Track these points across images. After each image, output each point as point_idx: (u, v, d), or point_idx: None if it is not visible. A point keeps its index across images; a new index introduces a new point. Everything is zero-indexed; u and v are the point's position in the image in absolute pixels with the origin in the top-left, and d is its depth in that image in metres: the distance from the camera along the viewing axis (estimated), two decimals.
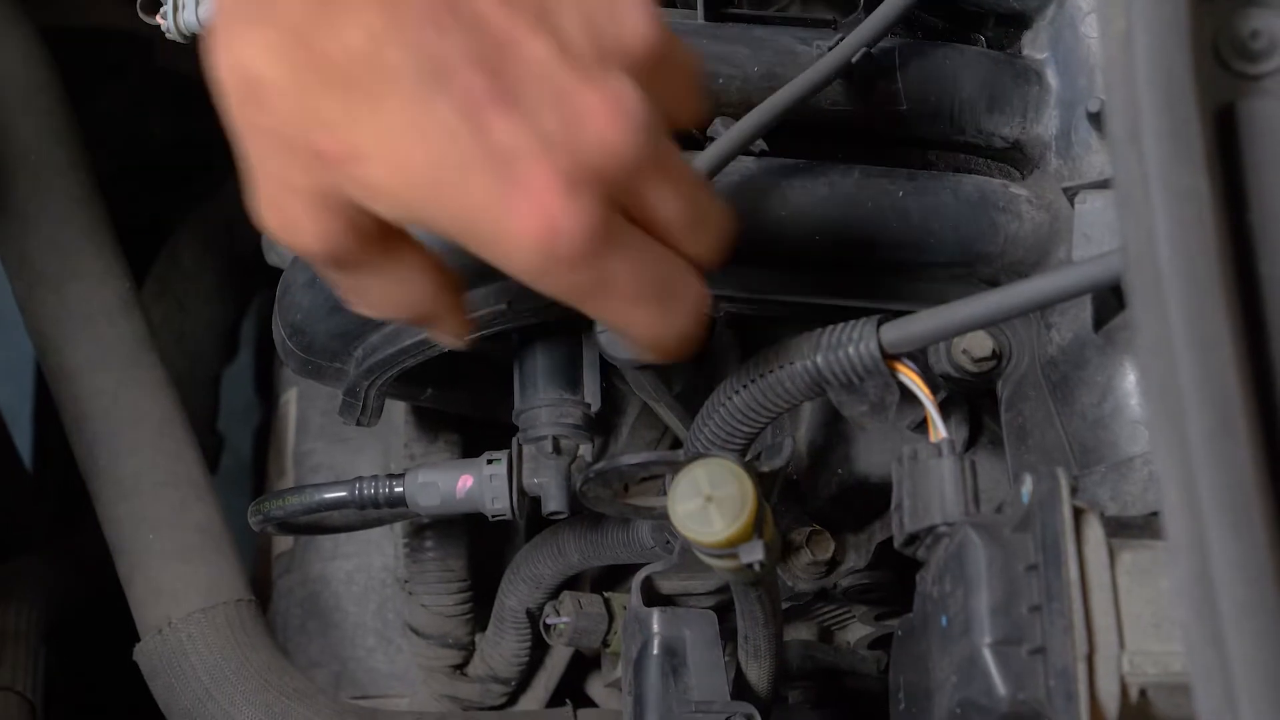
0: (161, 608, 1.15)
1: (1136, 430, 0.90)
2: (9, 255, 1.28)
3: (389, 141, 0.68)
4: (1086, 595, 0.71)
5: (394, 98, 0.67)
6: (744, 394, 0.87)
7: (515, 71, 0.68)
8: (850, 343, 0.83)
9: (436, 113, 0.67)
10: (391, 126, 0.68)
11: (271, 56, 0.68)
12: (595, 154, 0.69)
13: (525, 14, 0.69)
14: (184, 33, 0.97)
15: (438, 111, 0.67)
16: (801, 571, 1.12)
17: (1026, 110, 0.97)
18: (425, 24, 0.67)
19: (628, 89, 0.70)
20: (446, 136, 0.67)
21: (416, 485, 1.04)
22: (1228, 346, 0.63)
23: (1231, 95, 0.68)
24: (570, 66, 0.69)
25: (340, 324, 0.98)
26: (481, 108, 0.68)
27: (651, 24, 0.72)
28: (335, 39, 0.67)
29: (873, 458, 1.10)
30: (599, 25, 0.71)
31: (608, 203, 0.70)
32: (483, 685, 1.30)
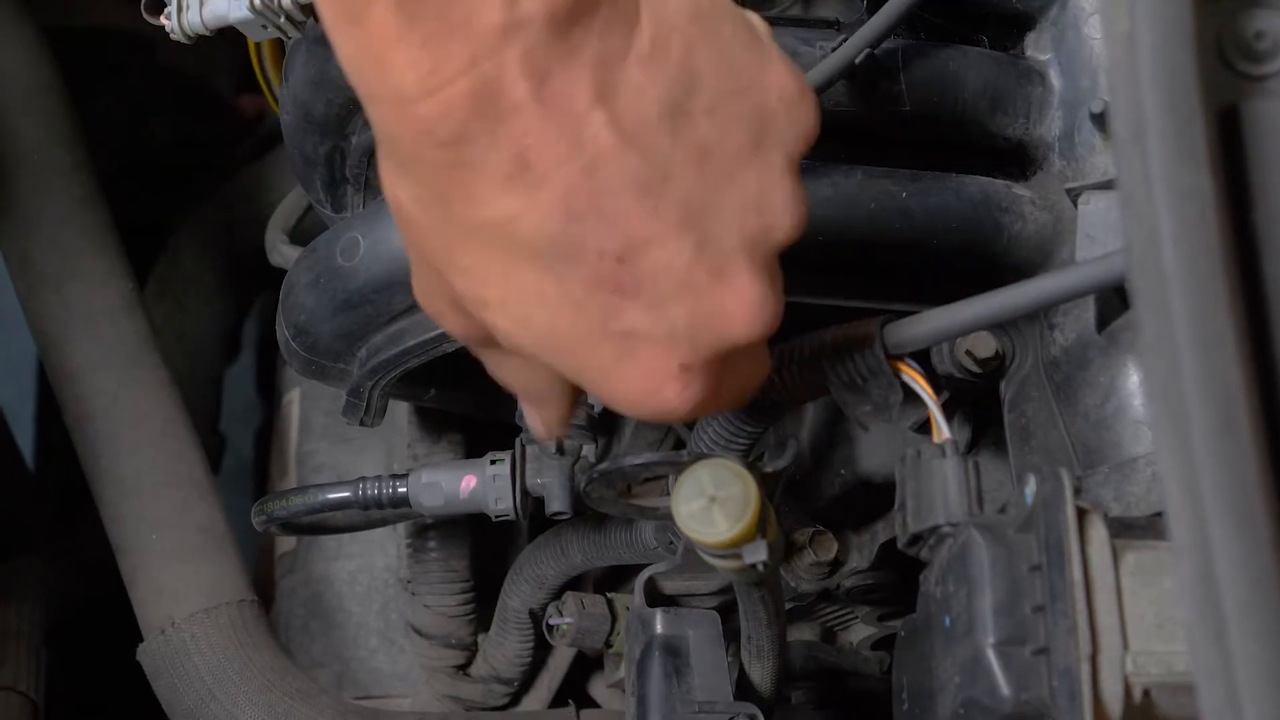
0: (164, 608, 1.16)
1: (1140, 431, 0.90)
2: (11, 255, 1.28)
3: (515, 303, 0.72)
4: (1090, 596, 0.71)
5: (525, 268, 0.70)
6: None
7: (648, 265, 0.71)
8: (855, 342, 0.83)
9: (565, 287, 0.71)
10: (519, 291, 0.71)
11: (416, 206, 0.71)
12: (719, 348, 0.74)
13: (669, 216, 0.71)
14: (188, 33, 0.97)
15: (566, 286, 0.71)
16: (804, 572, 1.12)
17: (1030, 111, 0.97)
18: (558, 212, 0.69)
19: (758, 289, 0.73)
20: (572, 309, 0.71)
21: (420, 485, 1.04)
22: (1231, 346, 0.63)
23: (1235, 96, 0.68)
24: (706, 265, 0.72)
25: (344, 324, 0.98)
26: (610, 290, 0.71)
27: (799, 219, 0.74)
28: (472, 209, 0.69)
29: (876, 458, 1.10)
30: (747, 223, 0.73)
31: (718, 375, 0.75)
32: (485, 686, 1.30)
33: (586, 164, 0.68)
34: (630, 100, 0.69)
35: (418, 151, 0.68)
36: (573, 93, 0.67)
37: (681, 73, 0.70)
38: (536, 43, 0.65)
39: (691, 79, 0.70)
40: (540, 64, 0.66)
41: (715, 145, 0.71)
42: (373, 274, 0.95)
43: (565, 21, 0.66)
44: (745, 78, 0.72)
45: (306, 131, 1.01)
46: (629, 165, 0.69)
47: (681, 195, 0.71)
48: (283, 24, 0.94)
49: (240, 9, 0.94)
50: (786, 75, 0.73)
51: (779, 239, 0.74)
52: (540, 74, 0.66)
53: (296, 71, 0.99)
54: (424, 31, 0.64)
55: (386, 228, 0.95)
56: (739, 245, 0.73)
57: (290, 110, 1.01)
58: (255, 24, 0.94)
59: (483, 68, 0.65)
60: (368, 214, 0.98)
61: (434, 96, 0.66)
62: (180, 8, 0.96)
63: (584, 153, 0.68)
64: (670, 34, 0.69)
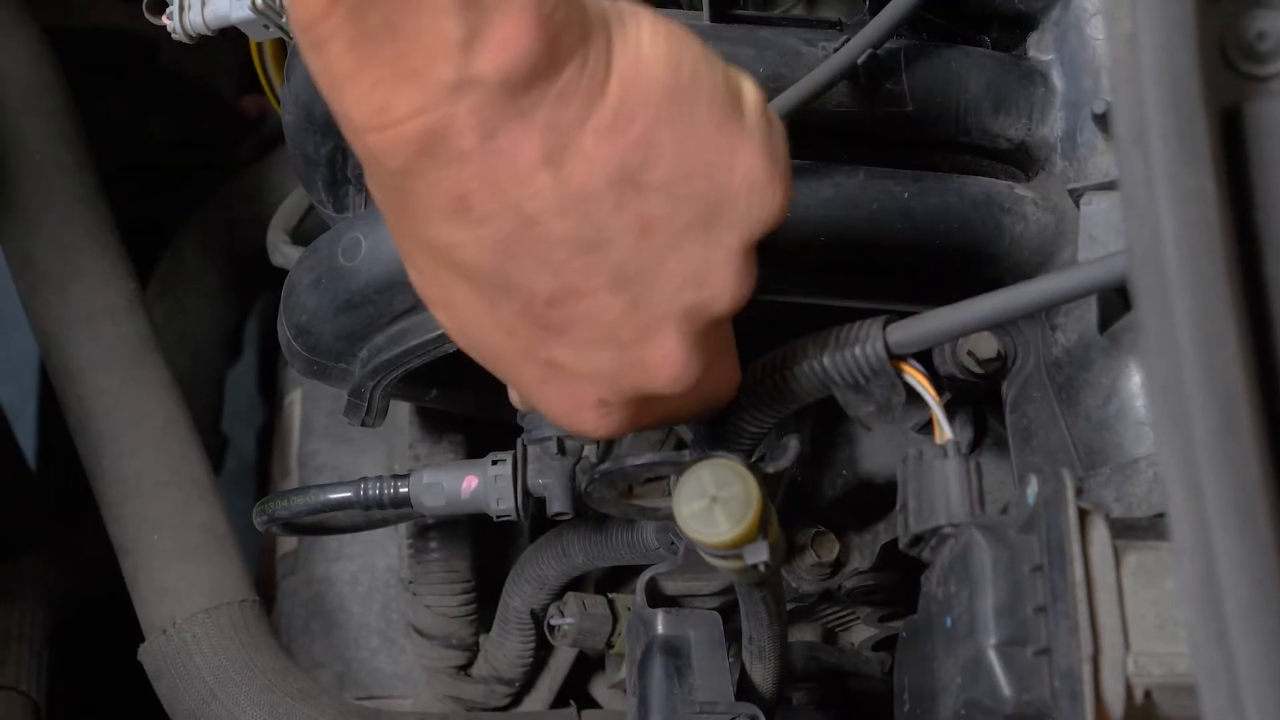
0: (166, 608, 1.16)
1: (1141, 432, 0.90)
2: (13, 255, 1.28)
3: (454, 312, 0.76)
4: (1092, 596, 0.71)
5: (462, 286, 0.74)
6: (750, 395, 0.87)
7: (576, 312, 0.73)
8: (857, 343, 0.83)
9: (497, 312, 0.74)
10: (457, 303, 0.75)
11: (380, 205, 0.74)
12: (638, 394, 0.77)
13: (602, 275, 0.72)
14: (190, 34, 0.97)
15: (498, 312, 0.74)
16: (806, 572, 1.12)
17: (1032, 112, 0.97)
18: (494, 251, 0.71)
19: (681, 353, 0.75)
20: (502, 332, 0.75)
21: (421, 486, 1.04)
22: (1233, 347, 0.63)
23: (1238, 96, 0.68)
24: (634, 324, 0.74)
25: (345, 325, 0.98)
26: (538, 325, 0.74)
27: (741, 296, 0.75)
28: (417, 226, 0.72)
29: (877, 459, 1.10)
30: (683, 294, 0.74)
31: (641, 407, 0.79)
32: (486, 686, 1.29)
33: (525, 218, 0.69)
34: (578, 166, 0.69)
35: (371, 169, 0.70)
36: (519, 151, 0.68)
37: (639, 147, 0.70)
38: (486, 102, 0.66)
39: (649, 154, 0.70)
40: (488, 121, 0.66)
41: (662, 219, 0.71)
42: (374, 274, 0.95)
43: (518, 86, 0.66)
44: (710, 159, 0.71)
45: (308, 132, 1.01)
46: (567, 225, 0.70)
47: (618, 259, 0.72)
48: (284, 24, 0.94)
49: (242, 9, 0.94)
50: (757, 160, 0.72)
51: (715, 312, 0.75)
52: (488, 129, 0.67)
53: (298, 71, 0.99)
54: (376, 74, 0.65)
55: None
56: (671, 313, 0.74)
57: (292, 110, 1.01)
58: (257, 24, 0.95)
59: (431, 116, 0.66)
60: (369, 214, 0.98)
61: (382, 132, 0.67)
62: (182, 8, 0.96)
63: (523, 208, 0.69)
64: (635, 109, 0.69)
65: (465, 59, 0.64)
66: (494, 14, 0.64)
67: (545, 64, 0.66)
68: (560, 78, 0.67)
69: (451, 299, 0.75)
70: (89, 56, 1.55)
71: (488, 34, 0.64)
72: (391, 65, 0.65)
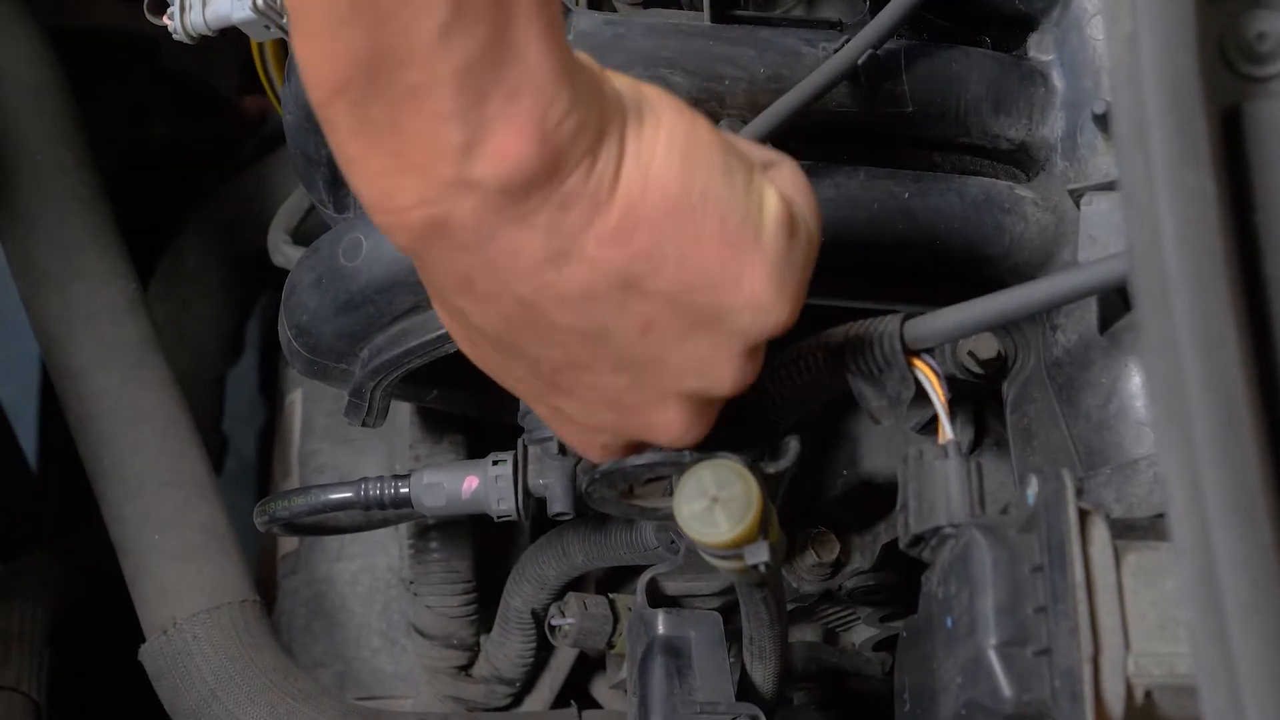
0: (166, 608, 1.15)
1: (1141, 432, 0.90)
2: (14, 255, 1.28)
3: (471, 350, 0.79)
4: (1092, 597, 0.71)
5: (476, 338, 0.76)
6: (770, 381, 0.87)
7: (580, 382, 0.76)
8: (875, 333, 0.83)
9: (507, 364, 0.77)
10: (473, 346, 0.78)
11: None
12: (640, 442, 0.81)
13: (604, 360, 0.74)
14: (191, 34, 0.97)
15: (509, 364, 0.77)
16: (806, 573, 1.12)
17: (1032, 112, 0.97)
18: (500, 324, 0.73)
19: (684, 421, 0.78)
20: (513, 378, 0.79)
21: (422, 486, 1.04)
22: (1233, 347, 0.63)
23: (1237, 97, 0.68)
24: (636, 397, 0.76)
25: (346, 325, 0.98)
26: (545, 382, 0.77)
27: (744, 384, 0.76)
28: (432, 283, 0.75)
29: (878, 459, 1.10)
30: (684, 381, 0.75)
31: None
32: (487, 686, 1.29)
33: (527, 304, 0.70)
34: (580, 269, 0.69)
35: (391, 228, 0.70)
36: (519, 250, 0.68)
37: (641, 258, 0.69)
38: (485, 204, 0.66)
39: (651, 265, 0.69)
40: (488, 222, 0.66)
41: (664, 322, 0.72)
42: (375, 274, 0.95)
43: (518, 193, 0.66)
44: (715, 276, 0.71)
45: (309, 132, 1.01)
46: (569, 318, 0.71)
47: (619, 350, 0.73)
48: (285, 24, 0.94)
49: (243, 9, 0.94)
50: (763, 281, 0.71)
51: (718, 395, 0.76)
52: (489, 229, 0.67)
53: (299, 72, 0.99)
54: (380, 163, 0.65)
55: None
56: (673, 394, 0.76)
57: (293, 110, 1.01)
58: (258, 24, 0.95)
59: (433, 208, 0.66)
60: None
61: (388, 214, 0.67)
62: (183, 8, 0.96)
63: (525, 299, 0.70)
64: (639, 223, 0.68)
65: (464, 163, 0.64)
66: (494, 122, 0.64)
67: (546, 174, 0.66)
68: (563, 187, 0.66)
69: (470, 341, 0.78)
70: (90, 56, 1.55)
71: (487, 142, 0.64)
72: (394, 158, 0.65)
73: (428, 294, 0.79)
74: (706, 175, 0.70)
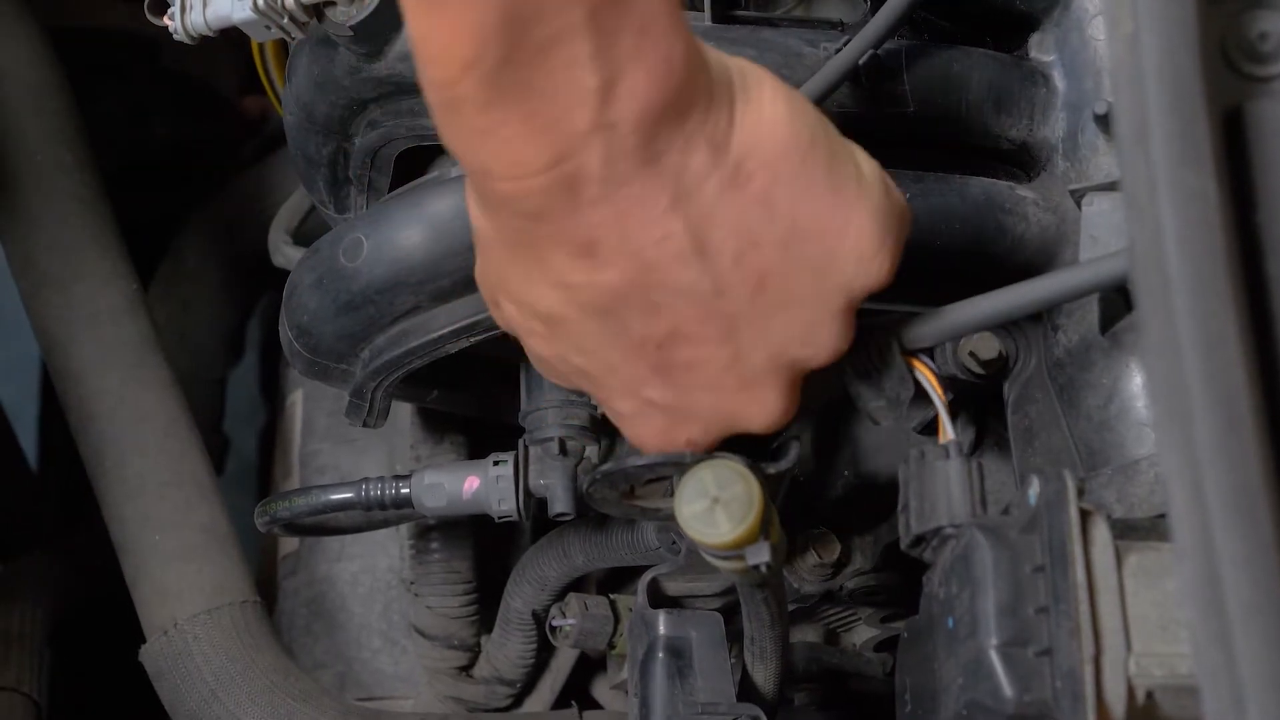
0: (167, 609, 1.15)
1: (1143, 432, 0.90)
2: (15, 255, 1.28)
3: (556, 343, 0.78)
4: (1093, 597, 0.71)
5: (572, 324, 0.76)
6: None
7: (683, 358, 0.76)
8: (873, 335, 0.83)
9: (603, 351, 0.76)
10: (562, 336, 0.77)
11: (488, 238, 0.76)
12: (728, 433, 0.80)
13: (713, 326, 0.74)
14: (191, 34, 0.97)
15: (604, 351, 0.76)
16: (808, 573, 1.12)
17: (1033, 112, 0.97)
18: (612, 296, 0.73)
19: (781, 403, 0.78)
20: (604, 367, 0.77)
21: (423, 486, 1.04)
22: (1234, 347, 0.63)
23: (1239, 97, 0.68)
24: (737, 375, 0.77)
25: (347, 325, 0.98)
26: (643, 366, 0.76)
27: (840, 352, 0.78)
28: (536, 265, 0.74)
29: (879, 459, 1.10)
30: (788, 349, 0.76)
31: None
32: (488, 687, 1.29)
33: (647, 263, 0.71)
34: (701, 218, 0.71)
35: (496, 209, 0.72)
36: (647, 197, 0.69)
37: (758, 204, 0.72)
38: (618, 148, 0.67)
39: (767, 211, 0.72)
40: (619, 168, 0.68)
41: (777, 277, 0.74)
42: (375, 275, 0.95)
43: (649, 131, 0.67)
44: (824, 223, 0.74)
45: (309, 132, 1.01)
46: (686, 275, 0.72)
47: (731, 312, 0.74)
48: (286, 25, 0.94)
49: (243, 10, 0.94)
50: (868, 228, 0.75)
51: (814, 365, 0.78)
52: (619, 177, 0.68)
53: (299, 72, 0.99)
54: (512, 130, 0.66)
55: (390, 229, 0.95)
56: (774, 366, 0.77)
57: (293, 111, 1.01)
58: (258, 25, 0.94)
59: (566, 165, 0.67)
60: (371, 215, 0.98)
61: (516, 181, 0.68)
62: (183, 8, 0.96)
63: (646, 254, 0.71)
64: (757, 167, 0.71)
65: (600, 106, 0.66)
66: (627, 60, 0.66)
67: (674, 111, 0.68)
68: (686, 127, 0.69)
69: (554, 331, 0.77)
70: (90, 56, 1.55)
71: (621, 81, 0.66)
72: (526, 120, 0.66)
73: (499, 295, 0.79)
74: (812, 124, 0.73)
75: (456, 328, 0.95)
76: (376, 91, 0.96)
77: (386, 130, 0.98)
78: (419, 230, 0.94)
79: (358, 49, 0.93)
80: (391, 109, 0.97)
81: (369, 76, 0.95)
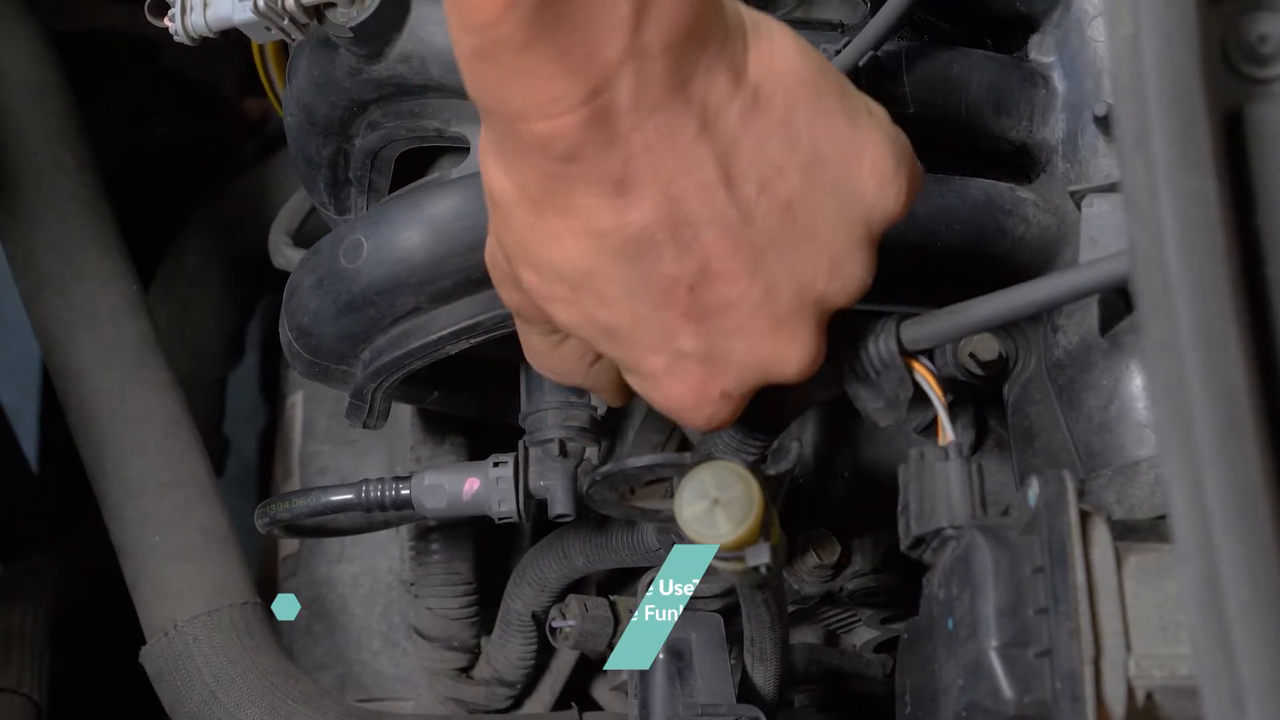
0: (167, 610, 1.15)
1: (1143, 434, 0.90)
2: (15, 256, 1.28)
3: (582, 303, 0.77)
4: (1093, 598, 0.71)
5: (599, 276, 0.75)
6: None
7: (716, 298, 0.75)
8: (872, 336, 0.83)
9: (634, 301, 0.75)
10: (589, 293, 0.76)
11: (510, 199, 0.75)
12: (762, 383, 0.79)
13: (744, 257, 0.74)
14: (192, 36, 0.97)
15: (635, 301, 0.75)
16: (808, 574, 1.12)
17: (1033, 114, 0.97)
18: (643, 236, 0.73)
19: (815, 344, 0.78)
20: (635, 321, 0.76)
21: (423, 488, 1.04)
22: (1234, 348, 0.63)
23: (1239, 99, 0.68)
24: (770, 314, 0.76)
25: (347, 327, 0.98)
26: (675, 313, 0.75)
27: (865, 287, 0.78)
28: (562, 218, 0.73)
29: (879, 461, 1.10)
30: (816, 283, 0.77)
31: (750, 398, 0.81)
32: (488, 688, 1.29)
33: (677, 195, 0.72)
34: (727, 145, 0.72)
35: (526, 158, 0.72)
36: (676, 126, 0.71)
37: (780, 129, 0.73)
38: (650, 74, 0.68)
39: (789, 137, 0.73)
40: (651, 96, 0.69)
41: (801, 204, 0.74)
42: (376, 276, 0.95)
43: (680, 50, 0.69)
44: (842, 148, 0.75)
45: (310, 134, 1.01)
46: (716, 202, 0.73)
47: (760, 242, 0.74)
48: (286, 26, 0.94)
49: (244, 11, 0.94)
50: (884, 152, 0.76)
51: (842, 301, 0.78)
52: (650, 105, 0.69)
53: (300, 74, 0.99)
54: (549, 69, 0.67)
55: (390, 230, 0.95)
56: (804, 302, 0.77)
57: (293, 112, 1.01)
58: (259, 26, 0.94)
59: (599, 99, 0.68)
60: (371, 216, 0.98)
61: (551, 120, 0.69)
62: (184, 10, 0.96)
63: (677, 185, 0.72)
64: (775, 91, 0.73)
65: (633, 32, 0.67)
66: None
67: (697, 36, 0.69)
68: (707, 52, 0.70)
69: (581, 291, 0.76)
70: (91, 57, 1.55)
71: (652, 3, 0.67)
72: (564, 56, 0.67)
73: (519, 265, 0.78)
74: (819, 58, 0.75)
75: (457, 329, 0.95)
76: (377, 93, 0.96)
77: (387, 131, 0.98)
78: (419, 231, 0.94)
79: (358, 50, 0.93)
80: (392, 110, 0.97)
81: (369, 78, 0.95)
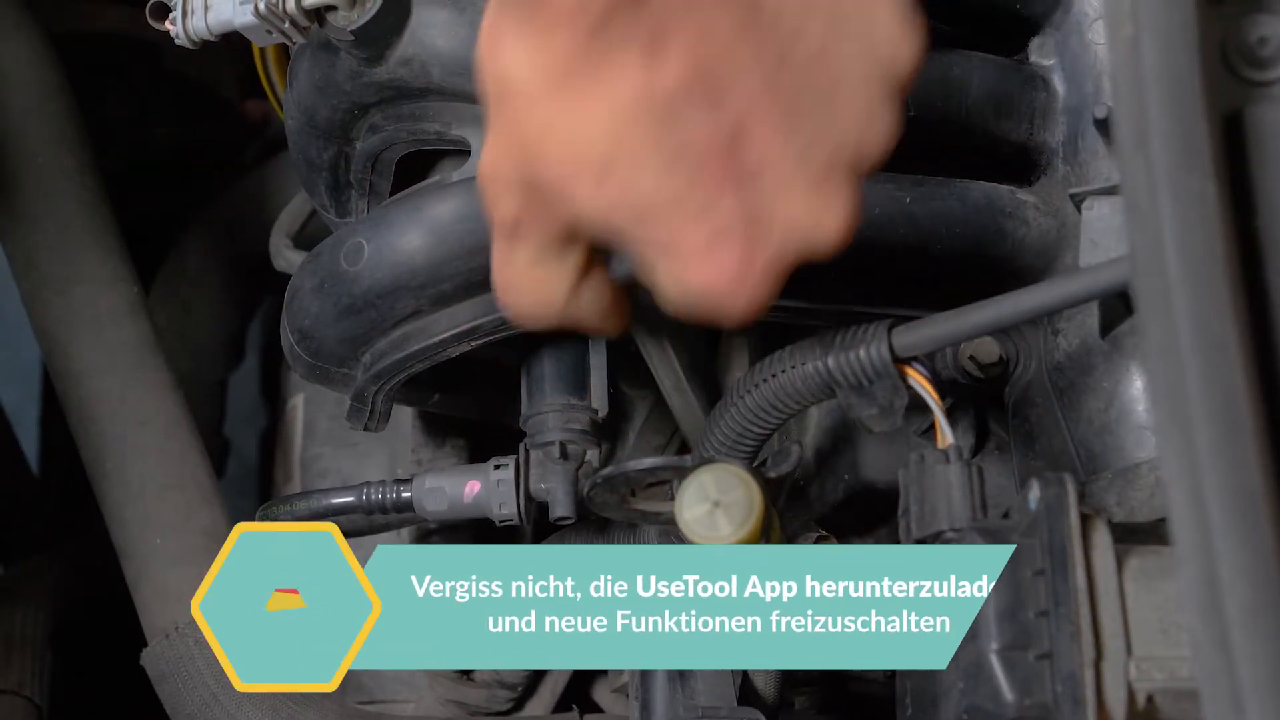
0: (168, 612, 1.15)
1: (1143, 436, 0.90)
2: (16, 257, 1.28)
3: (616, 176, 0.74)
4: (1094, 601, 0.71)
5: (634, 146, 0.73)
6: (755, 395, 0.87)
7: (754, 156, 0.73)
8: (862, 344, 0.83)
9: (671, 173, 0.73)
10: (623, 166, 0.73)
11: (537, 76, 0.73)
12: (803, 253, 0.76)
13: (780, 111, 0.73)
14: (193, 39, 0.97)
15: (673, 173, 0.73)
16: None
17: (1033, 116, 0.97)
18: (679, 92, 0.71)
19: (853, 206, 0.75)
20: (672, 195, 0.73)
21: (424, 490, 1.04)
22: (1235, 351, 0.63)
23: (1239, 101, 0.68)
24: (807, 173, 0.74)
25: (348, 329, 0.98)
26: (714, 181, 0.73)
27: (890, 143, 0.76)
28: (595, 82, 0.72)
29: (880, 463, 1.10)
30: (849, 137, 0.75)
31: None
32: (489, 690, 1.29)
33: (709, 49, 0.71)
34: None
35: (555, 28, 0.71)
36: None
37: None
38: None
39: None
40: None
41: (829, 51, 0.73)
42: (377, 279, 0.95)
43: None
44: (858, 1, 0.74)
45: (311, 136, 1.01)
46: (746, 54, 0.71)
47: (792, 96, 0.73)
48: (287, 29, 0.94)
49: (245, 14, 0.94)
50: (893, 11, 0.75)
51: (872, 159, 0.76)
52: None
53: (301, 76, 0.99)
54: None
55: (391, 233, 0.95)
56: (840, 159, 0.75)
57: (294, 115, 1.01)
58: (260, 29, 0.95)
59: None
60: (372, 219, 0.98)
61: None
62: (185, 13, 0.96)
63: (708, 38, 0.71)
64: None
65: None
66: None
67: None
68: None
69: (615, 164, 0.74)
70: (92, 60, 1.55)
71: None
72: None
73: (537, 159, 0.76)
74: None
75: (458, 331, 0.95)
76: (378, 96, 0.96)
77: (388, 134, 0.98)
78: (420, 234, 0.94)
79: (359, 54, 0.93)
80: (393, 113, 0.97)
81: (370, 81, 0.95)
